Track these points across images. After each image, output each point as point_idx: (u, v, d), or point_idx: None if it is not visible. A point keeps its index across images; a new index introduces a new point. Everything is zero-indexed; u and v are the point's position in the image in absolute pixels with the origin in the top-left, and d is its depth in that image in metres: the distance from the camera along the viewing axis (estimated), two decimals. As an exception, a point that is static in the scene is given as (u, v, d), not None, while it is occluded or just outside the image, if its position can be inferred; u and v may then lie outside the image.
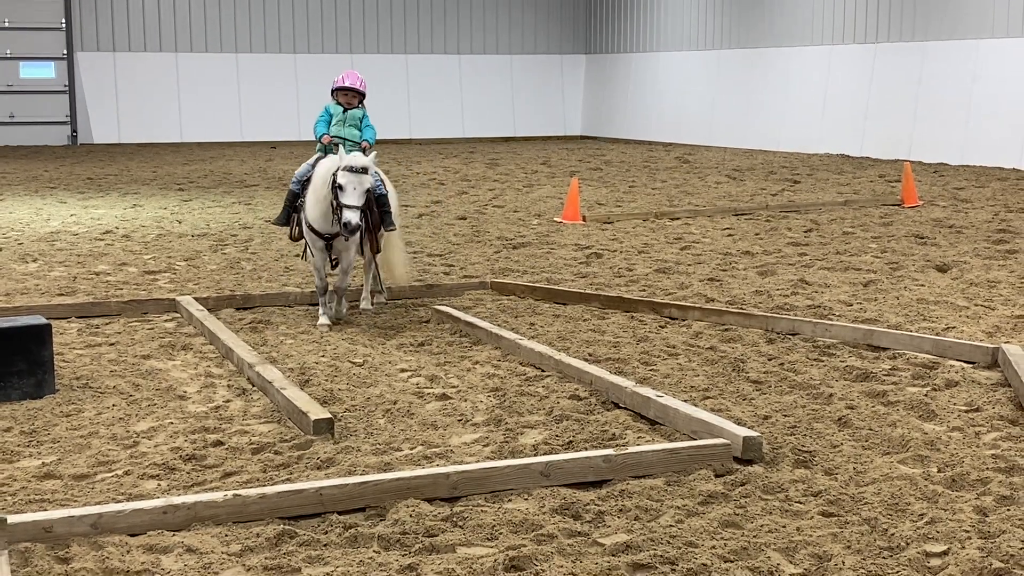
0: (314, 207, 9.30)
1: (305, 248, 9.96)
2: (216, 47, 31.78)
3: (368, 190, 9.13)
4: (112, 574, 4.85)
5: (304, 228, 9.58)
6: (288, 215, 9.97)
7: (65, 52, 30.78)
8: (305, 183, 9.59)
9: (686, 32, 31.43)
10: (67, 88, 30.88)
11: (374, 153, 9.42)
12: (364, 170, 8.96)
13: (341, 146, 9.29)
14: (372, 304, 10.13)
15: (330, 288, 9.69)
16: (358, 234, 9.17)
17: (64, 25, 30.68)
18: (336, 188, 8.93)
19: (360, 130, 9.77)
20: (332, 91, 9.84)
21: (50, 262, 12.72)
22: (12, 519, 5.06)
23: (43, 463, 6.29)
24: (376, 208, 9.43)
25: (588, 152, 28.54)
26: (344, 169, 8.90)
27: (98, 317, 9.92)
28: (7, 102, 30.41)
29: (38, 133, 30.61)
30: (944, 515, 5.39)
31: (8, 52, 30.32)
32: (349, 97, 9.79)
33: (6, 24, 30.22)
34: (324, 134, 9.69)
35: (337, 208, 8.95)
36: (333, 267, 9.66)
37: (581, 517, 5.44)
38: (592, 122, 35.12)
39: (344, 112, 9.77)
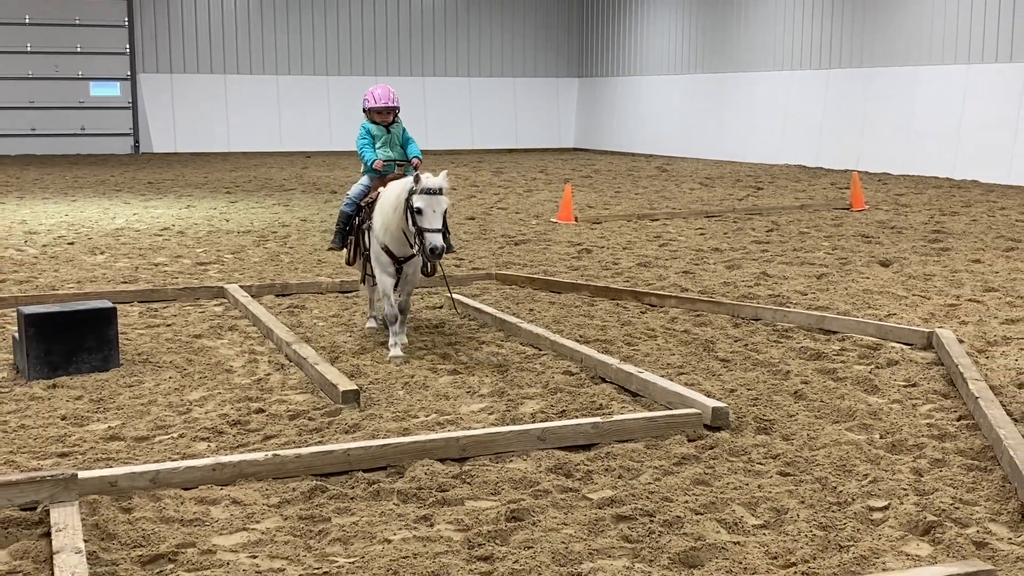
0: (387, 231, 7.82)
1: (364, 273, 8.50)
2: (259, 70, 31.73)
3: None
4: (168, 522, 4.86)
5: (373, 252, 8.04)
6: (344, 238, 8.58)
7: (129, 74, 30.74)
8: (363, 206, 8.34)
9: (665, 59, 31.39)
10: (130, 105, 30.85)
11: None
12: (441, 191, 7.56)
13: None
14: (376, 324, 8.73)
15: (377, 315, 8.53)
16: (420, 256, 7.81)
17: (128, 50, 30.64)
18: (414, 212, 7.51)
19: (404, 147, 8.47)
20: (366, 110, 8.40)
21: (115, 254, 12.71)
22: (82, 474, 5.07)
23: (109, 427, 6.29)
24: None
25: (580, 162, 28.51)
26: (422, 192, 7.49)
27: (157, 302, 9.93)
28: (79, 117, 30.39)
29: (105, 143, 30.59)
30: (885, 475, 5.39)
31: (80, 74, 30.30)
32: (384, 115, 8.38)
33: (78, 49, 30.19)
34: (376, 159, 8.27)
35: (417, 233, 7.53)
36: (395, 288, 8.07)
37: (572, 475, 5.45)
38: (583, 136, 35.08)
39: (388, 132, 8.39)
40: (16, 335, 7.56)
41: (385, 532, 4.76)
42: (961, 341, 7.96)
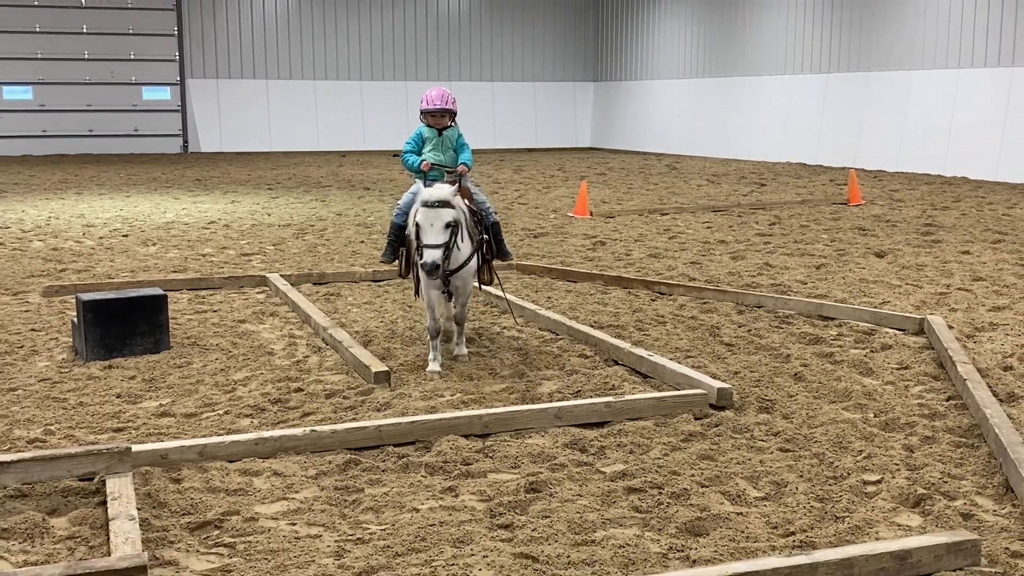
0: None
1: (417, 285, 7.46)
2: (298, 75, 31.77)
3: (476, 218, 7.01)
4: (214, 492, 4.89)
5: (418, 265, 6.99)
6: (395, 250, 7.55)
7: (178, 79, 30.82)
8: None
9: (674, 64, 31.24)
10: (180, 108, 30.94)
11: (467, 178, 7.13)
12: (442, 203, 6.59)
13: (419, 181, 7.09)
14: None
15: (442, 328, 7.25)
16: (472, 266, 7.03)
17: (177, 57, 30.72)
18: (416, 226, 6.69)
19: (456, 151, 7.44)
20: (421, 113, 7.41)
21: (166, 245, 12.77)
22: (136, 448, 5.11)
23: (160, 404, 6.33)
24: (491, 237, 7.34)
25: (595, 160, 28.43)
26: (422, 205, 6.64)
27: (204, 289, 9.97)
28: (132, 119, 30.51)
29: (156, 144, 30.71)
30: (879, 451, 5.37)
31: (133, 79, 30.41)
32: (438, 118, 7.35)
33: (132, 56, 30.30)
34: (422, 161, 7.20)
35: (417, 247, 6.72)
36: (449, 299, 7.27)
37: (587, 451, 5.44)
38: (598, 136, 34.97)
39: (440, 135, 7.38)
40: (75, 320, 7.61)
41: (414, 502, 4.78)
42: (951, 327, 7.91)
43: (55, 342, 7.88)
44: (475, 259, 7.07)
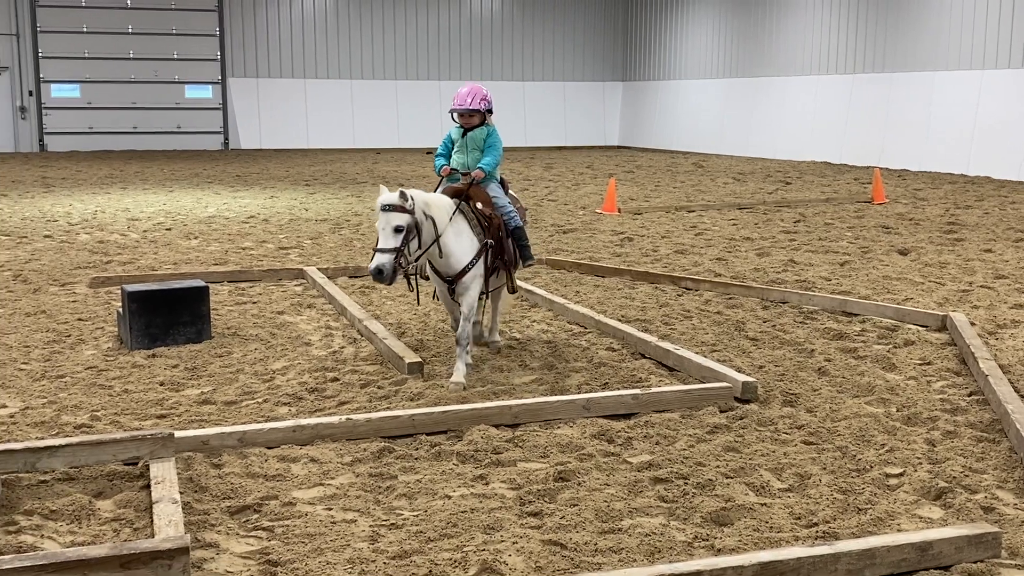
0: None
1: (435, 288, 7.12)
2: (336, 74, 31.89)
3: (487, 223, 6.58)
4: (253, 477, 4.93)
5: (428, 269, 6.80)
6: None
7: (220, 78, 31.03)
8: None
9: (702, 65, 31.08)
10: (221, 106, 31.15)
11: (493, 180, 6.74)
12: (391, 207, 6.10)
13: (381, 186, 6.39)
14: (498, 339, 7.34)
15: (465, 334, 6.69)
16: (475, 272, 6.54)
17: (219, 57, 30.92)
18: None
19: (484, 153, 6.91)
20: (451, 112, 7.03)
21: (207, 239, 12.87)
22: (178, 434, 5.15)
23: (202, 392, 6.38)
24: (512, 242, 6.85)
25: (623, 158, 28.34)
26: (378, 209, 6.19)
27: (244, 281, 10.03)
28: (175, 116, 30.75)
29: (198, 140, 30.94)
30: (901, 445, 5.33)
31: (176, 78, 30.64)
32: (465, 118, 6.91)
33: (175, 56, 30.53)
34: (443, 166, 6.93)
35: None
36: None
37: (614, 441, 5.44)
38: (627, 135, 34.86)
39: (464, 136, 6.94)
40: (120, 310, 7.69)
41: (445, 489, 4.79)
42: (973, 324, 7.82)
43: (101, 331, 7.97)
44: (480, 264, 6.55)
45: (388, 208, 6.11)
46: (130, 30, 30.08)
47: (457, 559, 4.04)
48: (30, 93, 29.49)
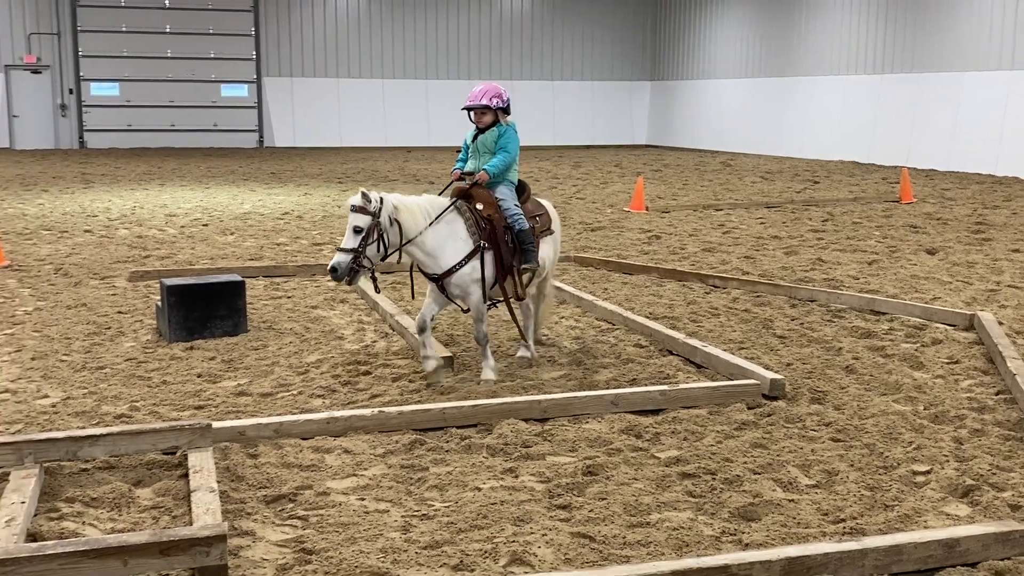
0: None
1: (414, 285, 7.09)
2: (368, 74, 32.01)
3: (484, 224, 6.32)
4: (288, 467, 4.97)
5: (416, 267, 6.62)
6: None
7: (255, 77, 31.23)
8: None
9: (730, 64, 30.92)
10: (256, 104, 31.35)
11: (507, 182, 6.52)
12: (354, 208, 6.11)
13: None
14: (526, 355, 6.87)
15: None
16: (468, 273, 6.29)
17: (254, 56, 31.12)
18: None
19: (495, 155, 6.61)
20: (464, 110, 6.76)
21: (243, 235, 12.96)
22: (216, 424, 5.20)
23: (238, 384, 6.44)
24: (516, 244, 6.48)
25: (651, 157, 28.25)
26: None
27: (278, 276, 10.10)
28: (211, 115, 30.98)
29: (234, 138, 31.15)
30: (928, 443, 5.29)
31: (213, 77, 30.87)
32: (477, 116, 6.63)
33: (211, 55, 30.75)
34: (455, 170, 6.77)
35: None
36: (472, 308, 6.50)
37: (642, 436, 5.43)
38: (655, 134, 34.75)
39: (475, 139, 6.71)
40: (159, 303, 7.76)
41: (476, 481, 4.81)
42: (1000, 323, 7.74)
43: (140, 324, 8.05)
44: (473, 266, 6.28)
45: (352, 208, 6.14)
46: (168, 30, 30.33)
47: (487, 550, 4.06)
48: (70, 91, 29.81)
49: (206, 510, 4.18)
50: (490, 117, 6.64)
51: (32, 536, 4.14)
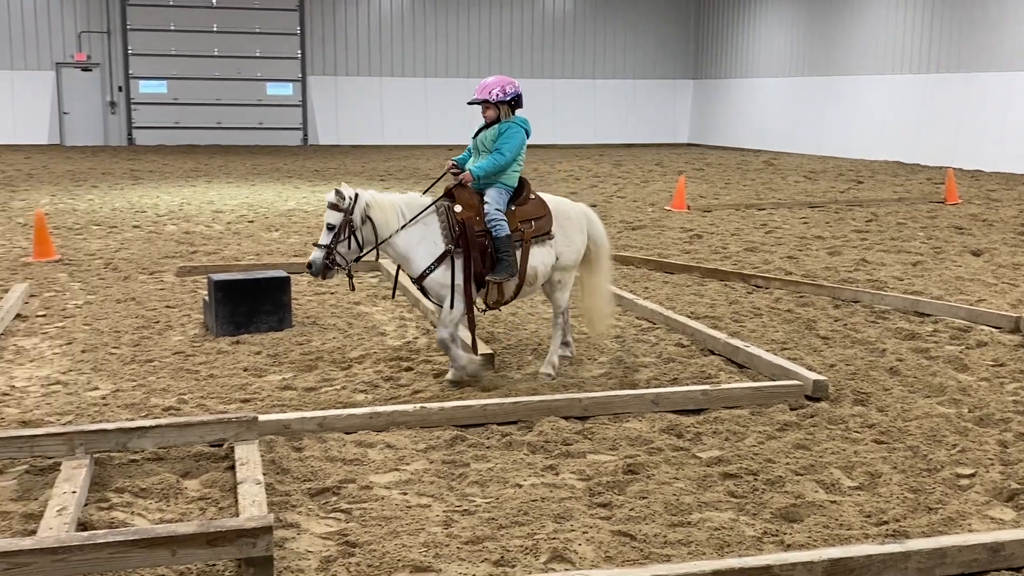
0: None
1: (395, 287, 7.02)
2: (411, 73, 32.13)
3: (459, 230, 6.05)
4: (332, 461, 5.01)
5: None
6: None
7: (300, 75, 31.46)
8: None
9: (773, 63, 30.64)
10: (301, 103, 31.59)
11: (501, 185, 6.22)
12: (329, 204, 6.03)
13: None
14: (553, 369, 6.47)
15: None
16: (439, 278, 6.11)
17: (299, 55, 31.36)
18: None
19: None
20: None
21: (288, 231, 13.07)
22: (262, 418, 5.26)
23: (283, 378, 6.50)
24: (492, 251, 6.15)
25: (693, 156, 28.09)
26: None
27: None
28: (257, 113, 31.27)
29: (279, 136, 31.42)
30: (973, 446, 5.22)
31: (258, 75, 31.14)
32: (484, 111, 6.42)
33: (257, 54, 31.03)
34: (450, 161, 6.54)
35: None
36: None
37: (683, 436, 5.42)
38: (697, 132, 34.54)
39: (475, 136, 6.47)
40: (206, 298, 7.86)
41: (516, 478, 4.82)
42: (1049, 326, 7.62)
43: (187, 318, 8.16)
44: (444, 270, 6.08)
45: (328, 205, 6.05)
46: (215, 29, 30.65)
47: (528, 546, 4.07)
48: (120, 89, 30.23)
49: (252, 502, 4.23)
50: (493, 112, 6.36)
51: (83, 525, 4.22)
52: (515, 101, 6.38)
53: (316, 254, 6.04)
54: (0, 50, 29.18)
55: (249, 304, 7.57)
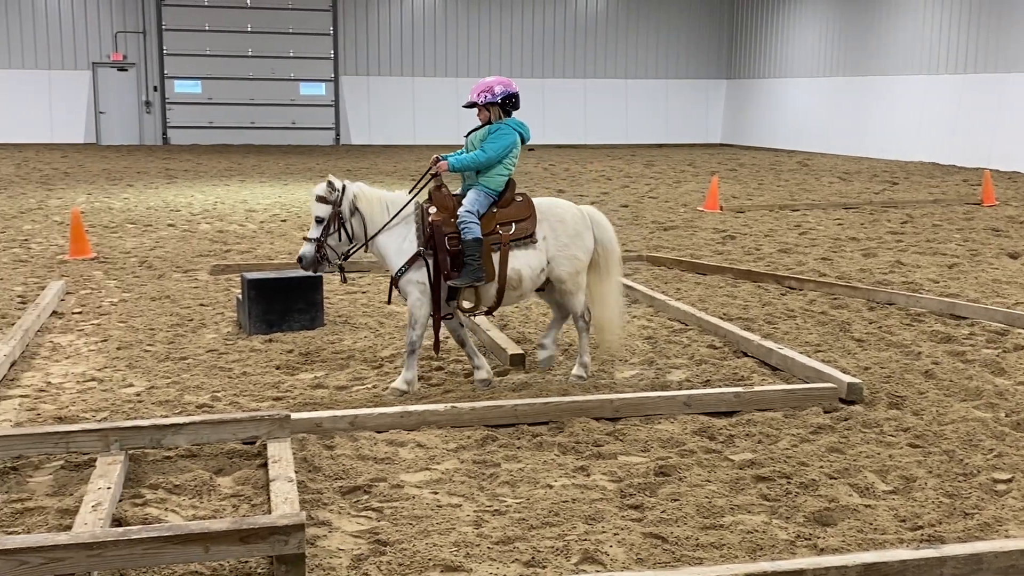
0: None
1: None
2: (442, 73, 32.20)
3: (431, 231, 5.96)
4: (363, 459, 5.03)
5: None
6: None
7: (332, 75, 31.62)
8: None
9: (808, 63, 30.41)
10: (333, 103, 31.74)
11: (481, 186, 6.14)
12: (317, 197, 6.02)
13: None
14: (585, 371, 6.36)
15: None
16: (412, 280, 6.00)
17: (332, 55, 31.51)
18: None
19: None
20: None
21: (319, 230, 13.10)
22: (294, 416, 5.29)
23: (315, 376, 6.53)
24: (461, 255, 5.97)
25: (726, 156, 27.94)
26: None
27: (354, 272, 10.18)
28: (290, 112, 31.46)
29: (311, 136, 31.59)
30: (1010, 451, 5.15)
31: (292, 75, 31.33)
32: (477, 113, 6.34)
33: (291, 54, 31.22)
34: (437, 157, 6.35)
35: None
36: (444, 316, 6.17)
37: (715, 438, 5.38)
38: (730, 132, 34.34)
39: (468, 135, 6.46)
40: (240, 297, 7.92)
41: (547, 479, 4.81)
42: (1089, 330, 7.50)
43: (221, 316, 8.22)
44: (415, 272, 5.98)
45: (316, 198, 6.02)
46: (249, 29, 30.87)
47: (559, 547, 4.06)
48: (155, 88, 30.53)
49: (284, 499, 4.25)
50: (485, 114, 6.26)
51: (117, 521, 4.26)
52: (508, 102, 6.22)
53: (306, 247, 6.00)
54: (38, 50, 29.58)
55: (282, 303, 7.62)
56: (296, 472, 4.72)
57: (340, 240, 6.04)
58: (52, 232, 12.62)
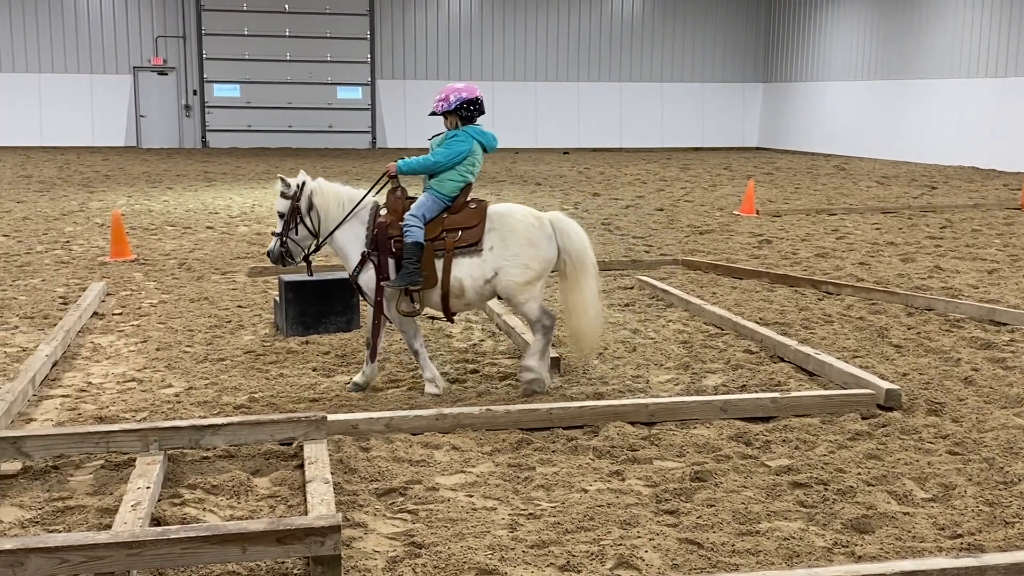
0: None
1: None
2: (478, 76, 32.25)
3: (379, 232, 6.01)
4: (399, 461, 5.04)
5: None
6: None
7: (369, 79, 31.79)
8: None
9: (845, 66, 30.14)
10: (370, 106, 31.92)
11: (432, 189, 6.14)
12: (280, 193, 6.20)
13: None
14: (536, 363, 6.11)
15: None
16: (365, 281, 6.09)
17: (369, 60, 31.69)
18: None
19: None
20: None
21: (355, 233, 13.16)
22: (331, 417, 5.32)
23: (351, 378, 6.55)
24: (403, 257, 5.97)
25: (762, 160, 27.75)
26: None
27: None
28: (327, 116, 31.67)
29: (348, 139, 31.79)
30: (1053, 460, 5.06)
31: (329, 79, 31.54)
32: (444, 120, 6.35)
33: (328, 58, 31.43)
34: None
35: None
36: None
37: (752, 444, 5.34)
38: (766, 136, 34.12)
39: (431, 139, 6.42)
40: (277, 299, 7.97)
41: (582, 483, 4.80)
42: None
43: (258, 318, 8.28)
44: (367, 271, 6.04)
45: (280, 194, 6.21)
46: (287, 33, 31.12)
47: (594, 552, 4.05)
48: (194, 92, 30.87)
49: (321, 500, 4.27)
50: (446, 120, 6.28)
51: (156, 520, 4.30)
52: (465, 109, 6.15)
53: (272, 242, 6.25)
54: (80, 55, 30.00)
55: (319, 305, 7.66)
56: (332, 474, 4.74)
57: (298, 234, 6.19)
58: (93, 234, 12.79)
